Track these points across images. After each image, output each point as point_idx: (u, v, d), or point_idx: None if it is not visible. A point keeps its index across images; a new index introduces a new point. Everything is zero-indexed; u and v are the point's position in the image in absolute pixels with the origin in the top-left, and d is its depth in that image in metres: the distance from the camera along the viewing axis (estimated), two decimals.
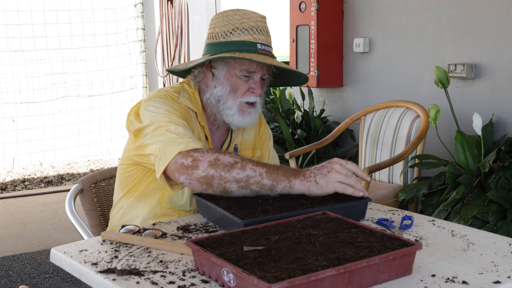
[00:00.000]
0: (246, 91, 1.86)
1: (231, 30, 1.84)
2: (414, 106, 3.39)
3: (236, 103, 1.85)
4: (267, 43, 1.87)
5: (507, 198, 2.75)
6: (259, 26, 1.86)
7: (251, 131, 2.05)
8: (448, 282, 1.23)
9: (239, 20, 1.85)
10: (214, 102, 1.88)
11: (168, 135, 1.69)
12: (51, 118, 6.61)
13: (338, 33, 4.50)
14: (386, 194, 3.26)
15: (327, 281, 1.13)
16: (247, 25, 1.84)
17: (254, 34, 1.84)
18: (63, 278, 3.53)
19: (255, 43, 1.83)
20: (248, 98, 1.86)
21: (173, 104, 1.83)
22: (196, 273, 1.30)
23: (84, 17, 6.75)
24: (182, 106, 1.86)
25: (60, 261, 1.48)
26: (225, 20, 1.87)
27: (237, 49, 1.81)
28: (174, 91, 1.89)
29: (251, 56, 1.79)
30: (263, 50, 1.84)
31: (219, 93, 1.86)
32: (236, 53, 1.80)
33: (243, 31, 1.83)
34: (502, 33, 3.41)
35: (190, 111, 1.88)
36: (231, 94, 1.85)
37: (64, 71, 6.66)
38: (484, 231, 1.57)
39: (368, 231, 1.37)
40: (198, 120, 1.90)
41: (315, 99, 4.67)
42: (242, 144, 2.03)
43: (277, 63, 1.84)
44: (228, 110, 1.86)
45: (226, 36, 1.84)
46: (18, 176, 6.13)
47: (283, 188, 1.60)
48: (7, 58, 6.34)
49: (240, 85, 1.85)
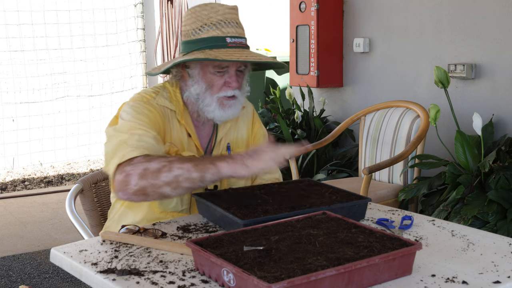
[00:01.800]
0: (222, 86, 1.85)
1: (200, 26, 1.83)
2: (414, 106, 3.39)
3: (214, 99, 1.85)
4: (238, 35, 1.84)
5: (507, 198, 2.75)
6: (228, 19, 1.84)
7: (244, 129, 2.05)
8: (448, 282, 1.23)
9: (207, 16, 1.84)
10: (193, 100, 1.88)
11: (118, 143, 1.70)
12: (51, 118, 6.61)
13: (338, 33, 4.49)
14: (386, 194, 3.26)
15: (327, 281, 1.13)
16: (214, 20, 1.82)
17: (222, 28, 1.82)
18: (63, 278, 3.53)
19: (224, 37, 1.81)
20: (225, 93, 1.85)
21: (146, 108, 1.81)
22: (196, 273, 1.30)
23: (84, 17, 6.74)
24: (157, 107, 1.85)
25: (60, 261, 1.48)
26: (194, 16, 1.86)
27: (207, 46, 1.81)
28: (153, 91, 1.90)
29: (220, 52, 1.78)
30: (233, 43, 1.82)
31: (197, 91, 1.86)
32: (205, 51, 1.79)
33: (211, 27, 1.82)
34: (502, 33, 3.41)
35: (168, 111, 1.88)
36: (208, 91, 1.85)
37: (64, 71, 6.66)
38: (484, 231, 1.57)
39: (368, 231, 1.37)
40: (178, 118, 1.89)
41: (315, 99, 4.67)
42: (236, 142, 2.02)
43: (245, 57, 1.80)
44: (208, 107, 1.86)
45: (196, 33, 1.84)
46: (18, 176, 6.13)
47: (211, 175, 1.60)
48: (7, 58, 6.34)
49: (216, 81, 1.84)
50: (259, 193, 1.74)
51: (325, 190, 1.78)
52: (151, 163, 1.62)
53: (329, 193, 1.74)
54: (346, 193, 1.74)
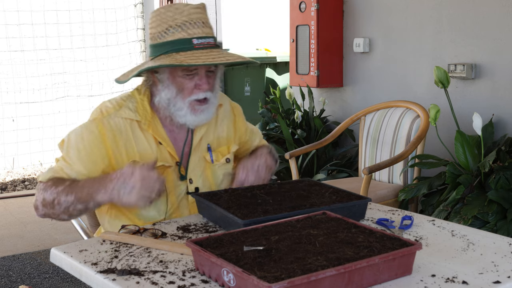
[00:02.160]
0: (193, 89, 1.80)
1: (165, 29, 1.79)
2: (414, 106, 3.39)
3: (185, 103, 1.81)
4: (205, 35, 1.80)
5: (507, 198, 2.75)
6: (193, 19, 1.79)
7: (224, 128, 2.01)
8: (448, 282, 1.23)
9: (172, 17, 1.79)
10: (165, 105, 1.83)
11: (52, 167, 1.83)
12: (51, 118, 6.61)
13: (338, 33, 4.49)
14: (386, 194, 3.26)
15: (327, 281, 1.13)
16: (179, 21, 1.78)
17: (188, 30, 1.78)
18: (63, 278, 3.53)
19: (190, 39, 1.77)
20: (197, 96, 1.81)
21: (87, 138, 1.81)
22: (196, 273, 1.30)
23: (84, 17, 6.75)
24: (112, 125, 1.82)
25: (60, 261, 1.48)
26: (159, 19, 1.82)
27: (173, 49, 1.77)
28: (117, 103, 1.87)
29: (186, 55, 1.75)
30: (200, 44, 1.78)
31: (167, 96, 1.82)
32: (172, 54, 1.76)
33: (177, 29, 1.78)
34: (502, 33, 3.41)
35: (129, 123, 1.84)
36: (179, 95, 1.81)
37: (64, 71, 6.66)
38: (484, 231, 1.57)
39: (368, 231, 1.37)
40: (144, 128, 1.85)
41: (315, 99, 4.67)
42: (217, 142, 1.98)
43: (212, 59, 1.75)
44: (180, 111, 1.82)
45: (162, 36, 1.80)
46: (18, 176, 6.13)
47: (92, 206, 1.72)
48: (7, 58, 6.34)
49: (186, 84, 1.80)
50: (259, 193, 1.74)
51: (325, 190, 1.78)
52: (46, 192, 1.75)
53: (329, 193, 1.74)
54: (346, 193, 1.73)
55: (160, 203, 1.86)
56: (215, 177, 1.96)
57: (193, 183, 1.92)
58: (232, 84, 5.98)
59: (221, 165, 1.97)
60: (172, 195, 1.88)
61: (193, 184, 1.91)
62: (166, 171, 1.87)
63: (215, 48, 1.82)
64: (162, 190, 1.67)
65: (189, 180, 1.91)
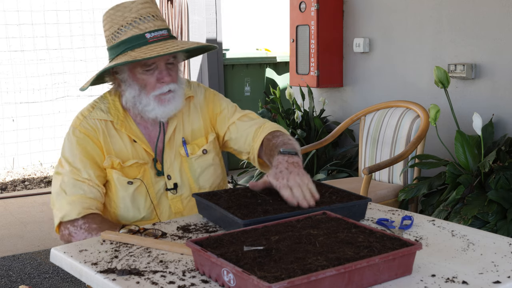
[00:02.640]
0: (155, 84, 1.82)
1: (117, 29, 1.80)
2: (414, 106, 3.39)
3: (150, 98, 1.82)
4: (157, 28, 1.80)
5: (507, 198, 2.75)
6: (142, 14, 1.80)
7: (198, 118, 1.99)
8: (448, 282, 1.23)
9: (121, 16, 1.80)
10: (132, 104, 1.85)
11: (59, 191, 1.82)
12: (51, 118, 6.61)
13: (338, 33, 4.49)
14: (386, 194, 3.26)
15: (327, 281, 1.13)
16: (129, 19, 1.79)
17: (139, 25, 1.79)
18: (63, 278, 3.53)
19: (143, 34, 1.78)
20: (160, 90, 1.82)
21: (76, 140, 1.84)
22: (196, 273, 1.30)
23: (84, 17, 6.74)
24: (88, 128, 1.86)
25: (60, 261, 1.48)
26: (109, 21, 1.83)
27: (128, 47, 1.78)
28: (91, 106, 1.91)
29: (141, 50, 1.75)
30: (153, 37, 1.79)
31: (132, 95, 1.83)
32: (128, 53, 1.77)
33: (128, 27, 1.79)
34: (502, 33, 3.41)
35: (103, 124, 1.87)
36: (143, 92, 1.82)
37: (64, 71, 6.66)
38: (484, 231, 1.57)
39: (368, 231, 1.37)
40: (117, 127, 1.87)
41: (315, 99, 4.67)
42: (192, 134, 1.97)
43: (166, 49, 1.75)
44: (147, 107, 1.83)
45: (116, 37, 1.81)
46: (18, 176, 6.13)
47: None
48: (7, 58, 6.34)
49: (147, 80, 1.81)
50: (259, 193, 1.74)
51: (325, 190, 1.78)
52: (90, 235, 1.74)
53: (329, 193, 1.74)
54: (346, 193, 1.73)
55: (139, 201, 1.88)
56: (192, 171, 1.95)
57: (172, 179, 1.92)
58: (232, 84, 5.98)
59: (198, 157, 1.96)
60: (151, 192, 1.90)
61: (171, 180, 1.92)
62: (143, 168, 1.89)
63: (169, 39, 1.82)
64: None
65: (167, 176, 1.92)
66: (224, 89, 5.91)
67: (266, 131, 1.93)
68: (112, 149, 1.87)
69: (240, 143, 1.99)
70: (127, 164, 1.86)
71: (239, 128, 1.99)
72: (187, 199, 1.94)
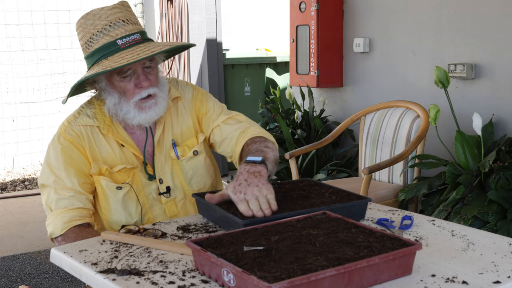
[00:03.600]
0: (134, 90, 1.79)
1: (90, 38, 1.78)
2: (414, 106, 3.39)
3: (131, 105, 1.80)
4: (128, 33, 1.77)
5: (507, 198, 2.75)
6: (111, 20, 1.77)
7: (187, 118, 1.96)
8: (448, 282, 1.23)
9: (92, 25, 1.78)
10: (114, 111, 1.83)
11: (46, 207, 1.83)
12: (51, 118, 6.61)
13: (338, 33, 4.49)
14: (386, 194, 3.26)
15: (327, 281, 1.13)
16: (100, 26, 1.77)
17: (110, 32, 1.76)
18: (63, 278, 3.53)
19: (114, 41, 1.75)
20: (140, 95, 1.79)
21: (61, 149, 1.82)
22: (196, 273, 1.30)
23: None
24: (73, 135, 1.84)
25: (60, 261, 1.48)
26: (82, 30, 1.80)
27: (102, 56, 1.75)
28: (77, 111, 1.90)
29: (114, 58, 1.72)
30: (125, 43, 1.75)
31: (112, 102, 1.81)
32: (102, 62, 1.74)
33: (99, 35, 1.76)
34: (502, 33, 3.41)
35: (89, 129, 1.86)
36: (123, 99, 1.80)
37: (64, 71, 6.66)
38: (484, 231, 1.57)
39: (368, 231, 1.37)
40: (104, 133, 1.86)
41: (315, 99, 4.67)
42: (181, 136, 1.94)
43: (137, 56, 1.71)
44: (128, 114, 1.81)
45: (89, 46, 1.78)
46: (18, 176, 6.13)
47: None
48: (7, 58, 6.34)
49: (126, 87, 1.79)
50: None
51: (325, 190, 1.78)
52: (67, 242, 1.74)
53: (329, 193, 1.74)
54: (346, 193, 1.73)
55: (129, 206, 1.86)
56: (184, 173, 1.93)
57: (164, 183, 1.91)
58: (232, 84, 5.98)
59: (189, 159, 1.94)
60: (142, 195, 1.88)
61: (163, 184, 1.91)
62: (132, 172, 1.87)
63: (142, 43, 1.78)
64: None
65: (159, 180, 1.90)
66: (224, 89, 5.90)
67: (248, 136, 1.89)
68: (99, 155, 1.85)
69: (223, 147, 1.96)
70: (115, 169, 1.85)
71: (223, 131, 1.95)
72: (181, 202, 1.93)
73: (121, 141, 1.87)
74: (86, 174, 1.85)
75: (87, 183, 1.85)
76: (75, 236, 1.76)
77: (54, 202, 1.81)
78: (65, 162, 1.82)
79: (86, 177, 1.84)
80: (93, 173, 1.84)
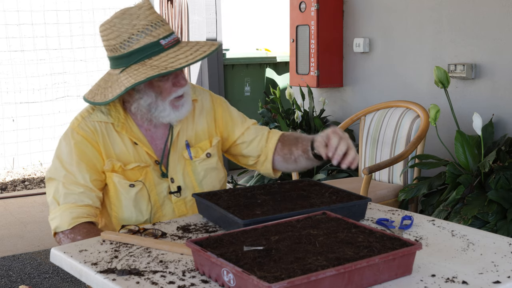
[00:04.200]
0: (171, 88, 1.81)
1: (128, 38, 1.75)
2: (414, 106, 3.39)
3: (166, 103, 1.81)
4: (168, 32, 1.78)
5: (507, 198, 2.75)
6: (152, 21, 1.76)
7: (202, 121, 1.99)
8: (448, 282, 1.23)
9: (129, 24, 1.75)
10: (145, 110, 1.83)
11: (52, 200, 1.82)
12: (51, 118, 6.61)
13: (338, 33, 4.49)
14: (386, 194, 3.26)
15: (327, 281, 1.13)
16: (140, 26, 1.74)
17: (152, 33, 1.75)
18: (63, 278, 3.53)
19: (158, 41, 1.75)
20: (176, 93, 1.82)
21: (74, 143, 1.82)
22: (196, 273, 1.30)
23: (84, 17, 6.75)
24: (86, 130, 1.84)
25: (60, 261, 1.48)
26: (115, 30, 1.76)
27: (144, 56, 1.74)
28: (91, 107, 1.88)
29: (160, 58, 1.73)
30: (168, 44, 1.76)
31: (147, 102, 1.81)
32: (145, 61, 1.73)
33: (140, 35, 1.74)
34: (502, 33, 3.41)
35: (103, 126, 1.86)
36: (159, 98, 1.81)
37: (64, 71, 6.67)
38: (484, 231, 1.57)
39: (368, 231, 1.37)
40: (118, 130, 1.86)
41: (315, 99, 4.67)
42: (195, 137, 1.97)
43: (192, 58, 1.74)
44: (162, 113, 1.82)
45: (126, 46, 1.75)
46: (18, 176, 6.13)
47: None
48: (7, 58, 6.34)
49: (163, 86, 1.80)
50: (259, 193, 1.74)
51: (325, 190, 1.78)
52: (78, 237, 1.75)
53: (329, 193, 1.74)
54: (346, 193, 1.73)
55: (141, 204, 1.87)
56: (196, 174, 1.95)
57: (175, 182, 1.92)
58: (232, 84, 5.98)
59: (201, 160, 1.96)
60: (154, 194, 1.89)
61: (174, 183, 1.92)
62: (145, 171, 1.88)
63: (180, 42, 1.81)
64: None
65: (171, 180, 1.91)
66: (224, 89, 5.91)
67: (278, 133, 2.05)
68: (112, 152, 1.85)
69: (252, 146, 2.04)
70: (129, 167, 1.85)
71: (253, 132, 2.05)
72: (191, 202, 1.93)
73: (134, 139, 1.87)
74: (98, 171, 1.84)
75: (98, 180, 1.85)
76: (86, 231, 1.76)
77: (62, 196, 1.80)
78: (78, 157, 1.82)
79: (97, 173, 1.84)
80: (106, 169, 1.84)
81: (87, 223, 1.79)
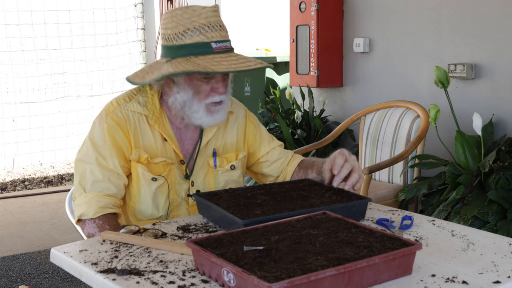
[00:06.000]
0: (209, 92, 1.81)
1: (183, 31, 1.75)
2: (414, 106, 3.39)
3: (201, 105, 1.81)
4: (223, 38, 1.79)
5: (507, 198, 2.75)
6: (211, 22, 1.76)
7: (233, 134, 2.01)
8: (448, 282, 1.24)
9: (189, 19, 1.76)
10: (179, 107, 1.84)
11: (78, 186, 1.84)
12: (51, 118, 6.61)
13: (338, 33, 4.49)
14: (386, 194, 3.26)
15: (327, 281, 1.13)
16: (197, 24, 1.75)
17: (206, 33, 1.75)
18: (63, 278, 3.53)
19: (209, 43, 1.75)
20: (213, 99, 1.81)
21: (107, 128, 1.84)
22: (196, 273, 1.30)
23: (84, 17, 6.75)
24: (120, 117, 1.85)
25: (60, 261, 1.48)
26: (175, 20, 1.78)
27: (192, 53, 1.74)
28: (128, 96, 1.90)
29: (206, 59, 1.73)
30: (218, 48, 1.76)
31: (183, 99, 1.81)
32: (191, 58, 1.73)
33: (195, 32, 1.75)
34: (502, 33, 3.41)
35: (137, 116, 1.87)
36: (195, 98, 1.81)
37: (64, 71, 6.67)
38: (484, 231, 1.57)
39: (368, 231, 1.37)
40: (151, 123, 1.87)
41: (315, 99, 4.67)
42: (224, 148, 1.99)
43: (234, 66, 1.75)
44: (195, 114, 1.83)
45: (179, 38, 1.76)
46: (18, 176, 6.13)
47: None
48: (7, 58, 6.34)
49: (203, 87, 1.80)
50: (259, 193, 1.75)
51: (325, 190, 1.78)
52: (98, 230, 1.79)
53: (329, 193, 1.74)
54: (346, 193, 1.74)
55: (159, 200, 1.88)
56: (217, 183, 1.96)
57: (195, 186, 1.93)
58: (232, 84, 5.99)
59: (225, 171, 1.97)
60: (173, 192, 1.90)
61: (194, 186, 1.93)
62: (169, 167, 1.89)
63: (231, 51, 1.81)
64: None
65: (191, 182, 1.92)
66: None
67: (299, 157, 2.10)
68: (141, 143, 1.87)
69: (273, 166, 2.07)
70: (155, 160, 1.86)
71: (278, 153, 2.08)
72: None
73: (165, 135, 1.88)
74: (126, 159, 1.86)
75: (125, 167, 1.86)
76: (115, 224, 1.79)
77: (89, 184, 1.82)
78: (110, 141, 1.84)
79: (125, 161, 1.86)
80: (133, 159, 1.85)
81: (112, 215, 1.81)
